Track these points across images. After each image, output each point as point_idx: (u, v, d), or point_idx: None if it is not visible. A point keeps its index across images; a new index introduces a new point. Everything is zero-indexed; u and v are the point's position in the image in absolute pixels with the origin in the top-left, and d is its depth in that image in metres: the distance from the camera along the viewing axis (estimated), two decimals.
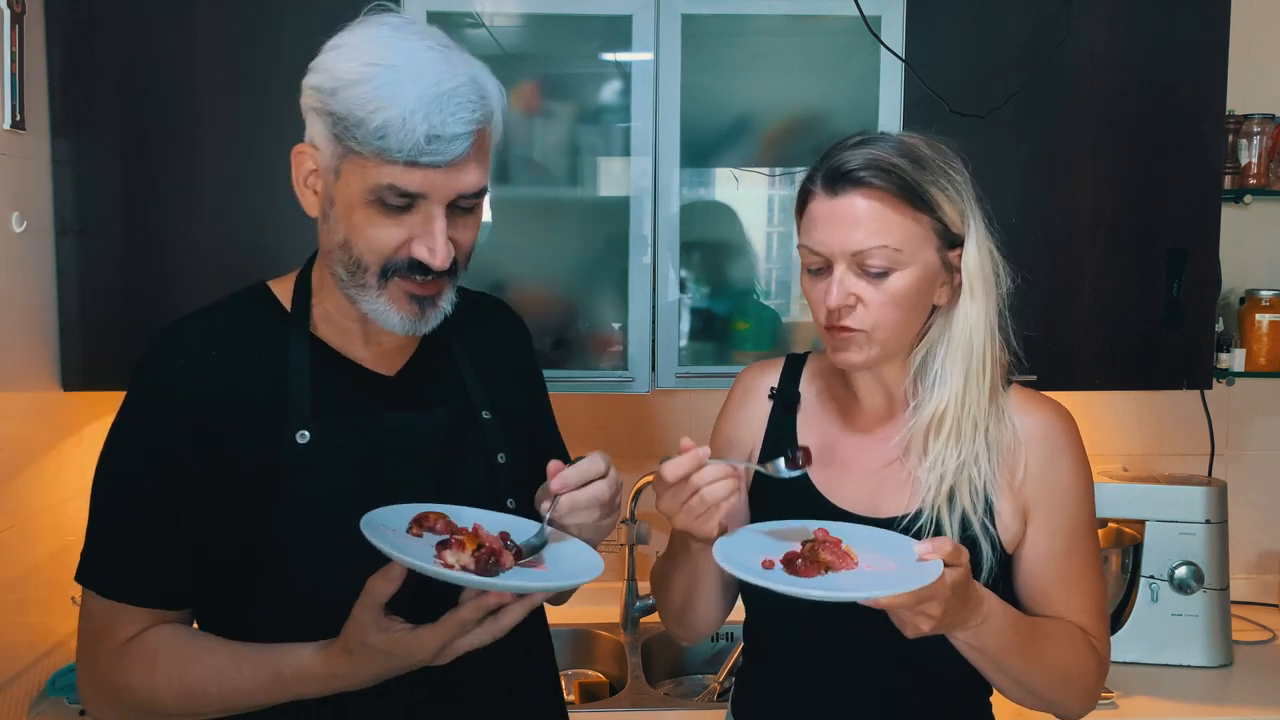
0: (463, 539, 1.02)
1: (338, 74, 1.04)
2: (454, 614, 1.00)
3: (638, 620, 2.29)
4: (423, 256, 1.07)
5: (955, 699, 1.30)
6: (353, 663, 1.02)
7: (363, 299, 1.09)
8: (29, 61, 1.81)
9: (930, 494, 1.20)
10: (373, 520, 1.01)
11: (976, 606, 1.11)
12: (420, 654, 1.01)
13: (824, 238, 1.18)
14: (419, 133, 1.01)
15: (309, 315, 1.15)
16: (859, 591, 1.04)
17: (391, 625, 1.00)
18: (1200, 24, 2.02)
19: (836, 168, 1.18)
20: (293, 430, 1.09)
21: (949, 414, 1.20)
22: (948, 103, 1.94)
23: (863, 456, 1.28)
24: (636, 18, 1.93)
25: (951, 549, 1.05)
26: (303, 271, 1.19)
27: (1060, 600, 1.23)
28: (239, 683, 1.06)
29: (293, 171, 1.11)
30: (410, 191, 1.04)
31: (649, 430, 2.36)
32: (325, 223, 1.10)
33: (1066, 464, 1.24)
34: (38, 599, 1.84)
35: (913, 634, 1.07)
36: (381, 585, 0.99)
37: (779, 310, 2.17)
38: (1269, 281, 2.34)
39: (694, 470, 1.11)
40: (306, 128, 1.09)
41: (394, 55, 1.03)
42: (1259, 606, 2.42)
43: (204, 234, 1.89)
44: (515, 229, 2.10)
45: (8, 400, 1.76)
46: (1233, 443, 2.46)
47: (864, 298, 1.17)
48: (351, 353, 1.16)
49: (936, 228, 1.18)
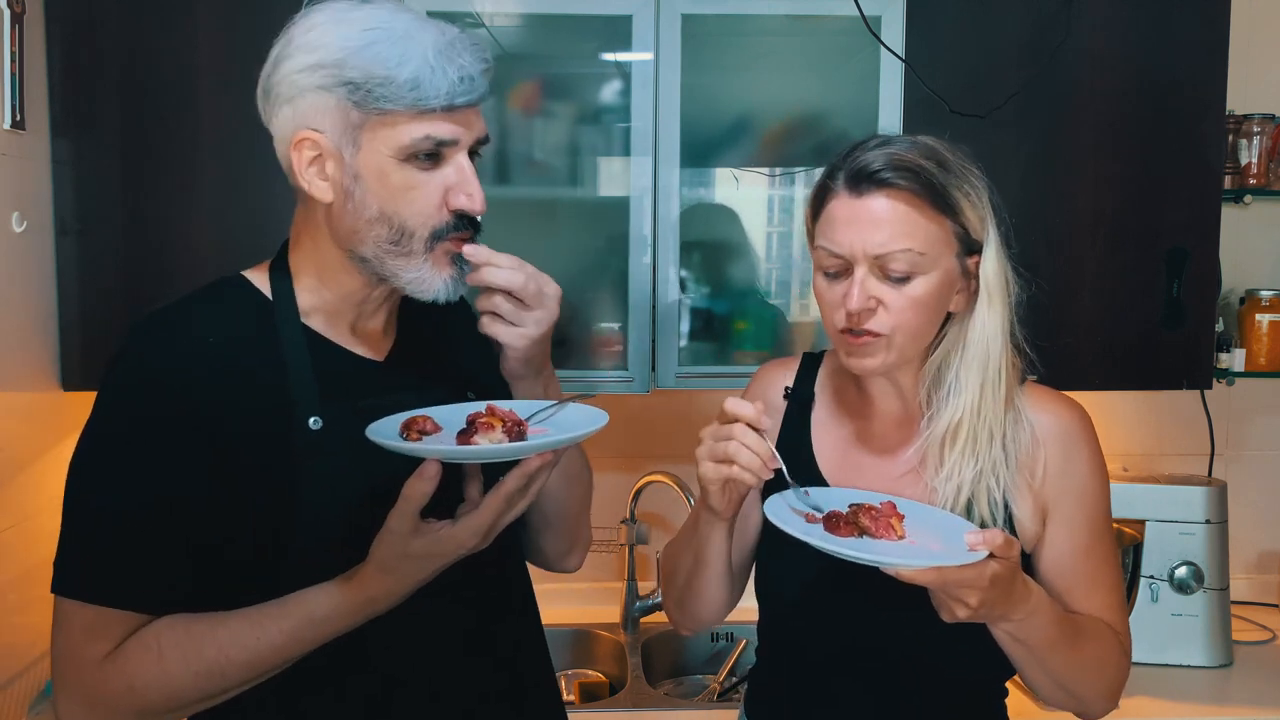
0: (488, 420, 1.04)
1: (339, 45, 1.04)
2: (497, 490, 1.03)
3: (638, 620, 2.29)
4: (463, 205, 1.09)
5: (970, 702, 1.30)
6: (392, 579, 1.03)
7: (406, 270, 1.09)
8: (29, 61, 1.81)
9: (948, 505, 1.19)
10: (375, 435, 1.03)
11: (1022, 600, 1.10)
12: (469, 541, 1.03)
13: (845, 239, 1.16)
14: (451, 75, 1.04)
15: (294, 302, 1.13)
16: (884, 558, 1.03)
17: (429, 527, 1.02)
18: (1200, 24, 2.02)
19: (861, 168, 1.16)
20: (305, 416, 1.08)
21: (964, 424, 1.19)
22: (948, 103, 1.93)
23: (878, 465, 1.27)
24: (636, 18, 1.93)
25: (1002, 541, 1.03)
26: (276, 261, 1.16)
27: (1083, 597, 1.22)
28: (266, 640, 1.04)
29: (294, 165, 1.08)
30: (445, 139, 1.06)
31: (649, 430, 2.36)
32: (349, 202, 1.07)
33: (1085, 460, 1.23)
34: (38, 599, 1.84)
35: (948, 618, 1.07)
36: (419, 486, 1.00)
37: (779, 310, 2.16)
38: (1269, 281, 2.34)
39: (750, 420, 1.11)
40: (291, 116, 1.07)
41: (384, 19, 1.05)
42: (1259, 606, 2.42)
43: (204, 233, 1.89)
44: (515, 229, 2.10)
45: (8, 400, 1.76)
46: (1233, 443, 2.46)
47: (885, 301, 1.16)
48: (340, 340, 1.15)
49: (957, 232, 1.17)
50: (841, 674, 1.27)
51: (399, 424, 1.07)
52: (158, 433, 1.05)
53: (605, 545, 2.35)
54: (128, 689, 1.03)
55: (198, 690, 1.05)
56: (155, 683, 1.03)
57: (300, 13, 1.09)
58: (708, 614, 1.33)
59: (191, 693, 1.05)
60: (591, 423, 1.08)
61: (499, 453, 1.02)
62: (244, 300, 1.13)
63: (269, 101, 1.09)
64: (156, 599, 1.06)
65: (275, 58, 1.08)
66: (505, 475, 1.04)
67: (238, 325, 1.11)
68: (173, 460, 1.05)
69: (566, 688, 2.26)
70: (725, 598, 1.32)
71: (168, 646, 1.04)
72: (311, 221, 1.12)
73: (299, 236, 1.15)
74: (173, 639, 1.04)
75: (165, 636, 1.04)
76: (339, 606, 1.05)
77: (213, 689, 1.05)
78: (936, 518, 1.15)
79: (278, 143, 1.10)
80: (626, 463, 2.37)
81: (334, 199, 1.08)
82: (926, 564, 1.02)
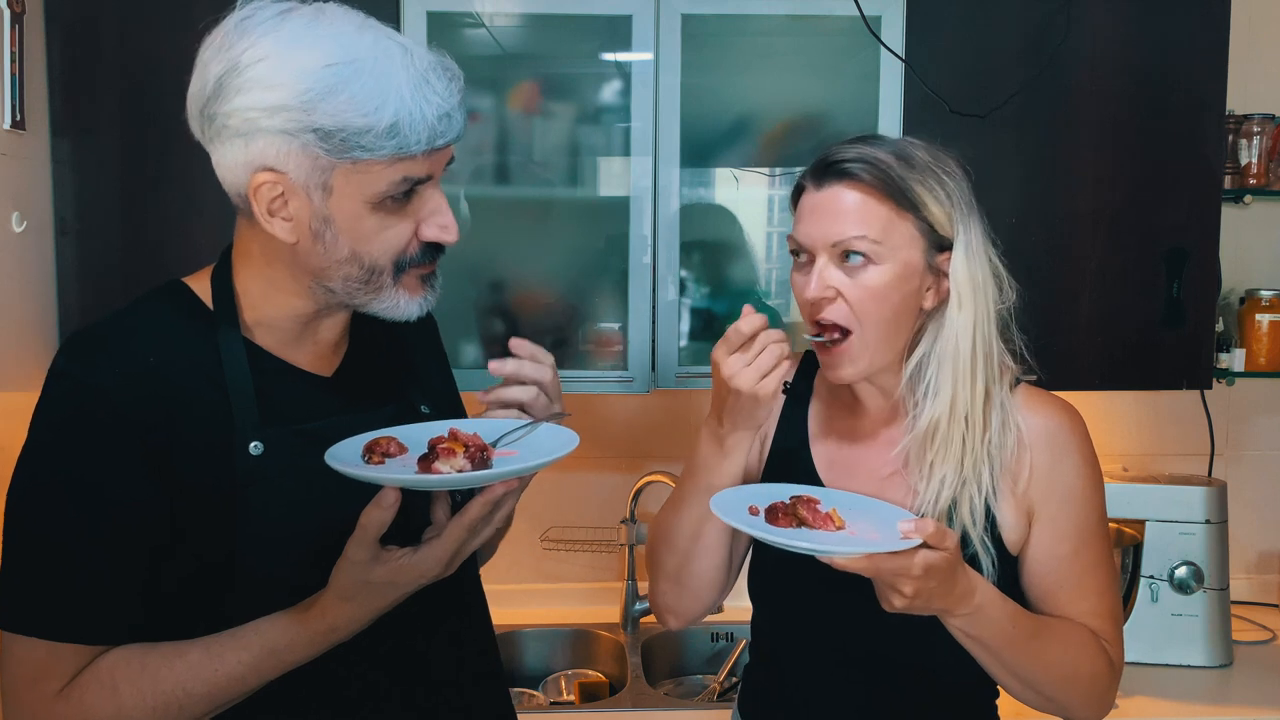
0: (449, 446, 1.00)
1: (302, 86, 0.95)
2: (460, 518, 0.99)
3: (638, 620, 2.30)
4: (435, 237, 1.05)
5: (960, 700, 1.30)
6: (353, 607, 0.99)
7: (377, 301, 1.06)
8: (29, 61, 1.81)
9: (929, 508, 1.19)
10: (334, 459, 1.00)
11: (965, 595, 1.11)
12: (431, 570, 1.00)
13: (808, 229, 1.20)
14: (429, 116, 0.98)
15: (237, 317, 1.07)
16: (817, 546, 1.05)
17: (390, 555, 0.98)
18: (1200, 24, 2.02)
19: (824, 160, 1.20)
20: (245, 441, 1.02)
21: (941, 424, 1.19)
22: (948, 103, 1.94)
23: (869, 460, 1.28)
24: (636, 18, 1.93)
25: (934, 530, 1.05)
26: (219, 270, 1.09)
27: (1068, 602, 1.22)
28: (225, 671, 0.99)
29: (252, 205, 1.00)
30: (421, 178, 1.01)
31: (649, 430, 2.36)
32: (318, 243, 1.01)
33: (1073, 464, 1.23)
34: None
35: (886, 607, 1.09)
36: (377, 515, 0.95)
37: (779, 310, 2.17)
38: (1269, 281, 2.34)
39: (762, 329, 1.14)
40: (244, 151, 0.98)
41: (343, 50, 0.96)
42: (1259, 606, 2.42)
43: (204, 234, 1.89)
44: (515, 229, 2.10)
45: (8, 400, 1.75)
46: (1233, 443, 2.46)
47: (842, 290, 1.18)
48: (287, 355, 1.09)
49: (923, 228, 1.18)
50: (832, 672, 1.28)
51: (361, 445, 1.04)
52: (94, 456, 0.99)
53: (605, 545, 2.35)
54: None
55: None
56: (110, 718, 0.99)
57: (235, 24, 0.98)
58: (706, 586, 1.30)
59: None
60: (561, 447, 1.04)
61: (459, 481, 0.98)
62: (185, 312, 1.07)
63: (210, 128, 1.00)
64: (107, 630, 1.00)
65: (219, 83, 0.97)
66: (468, 502, 0.99)
67: (178, 341, 1.05)
68: (113, 485, 0.99)
69: (566, 688, 2.26)
70: (724, 565, 1.30)
71: (122, 680, 0.99)
72: (266, 245, 1.05)
73: (247, 251, 1.07)
74: (127, 673, 0.99)
75: (120, 670, 0.99)
76: (299, 636, 1.00)
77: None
78: (881, 510, 1.17)
79: (223, 170, 1.01)
80: (626, 463, 2.37)
81: (299, 239, 1.02)
82: (860, 551, 1.03)
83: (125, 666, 1.00)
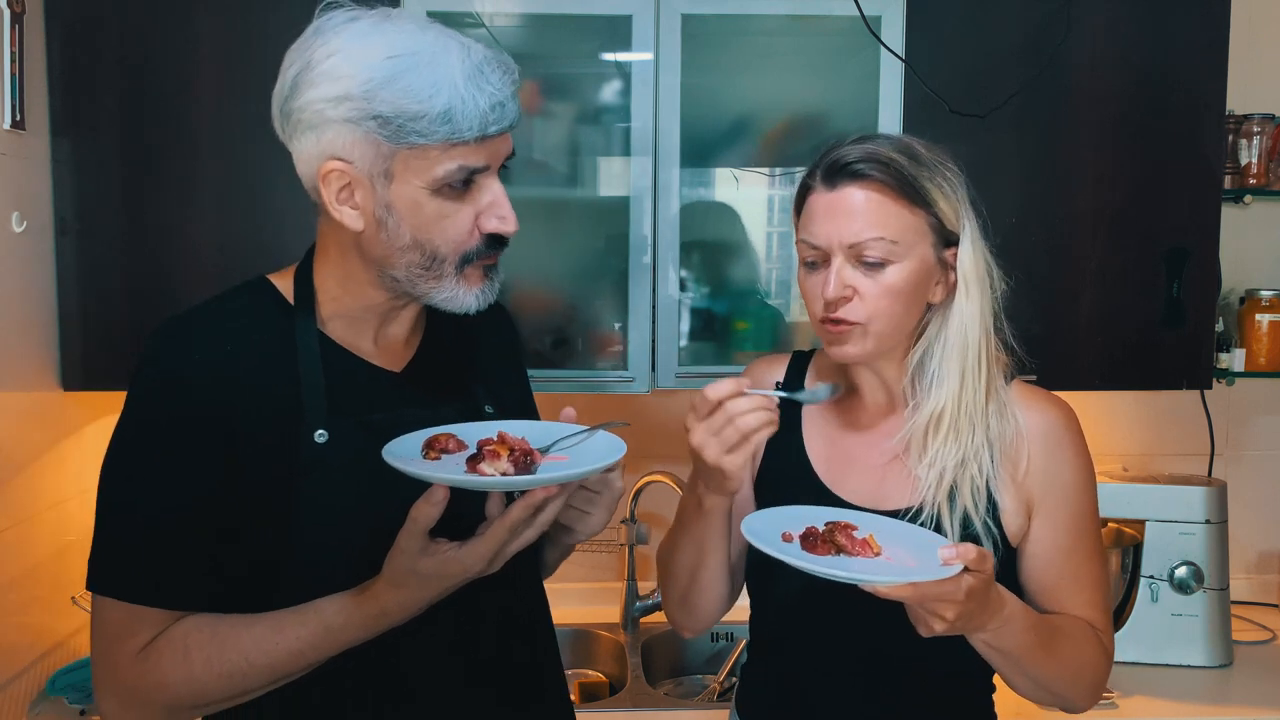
0: (495, 448, 1.03)
1: (364, 76, 1.01)
2: (503, 519, 1.02)
3: (638, 620, 2.30)
4: (496, 228, 1.10)
5: (956, 697, 1.31)
6: (404, 594, 1.04)
7: (437, 290, 1.10)
8: (29, 61, 1.81)
9: (930, 491, 1.21)
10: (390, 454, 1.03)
11: (997, 610, 1.10)
12: (474, 566, 1.03)
13: (822, 230, 1.20)
14: (482, 104, 1.03)
15: (314, 310, 1.13)
16: (861, 575, 1.04)
17: (438, 548, 1.02)
18: (1200, 24, 2.02)
19: (834, 161, 1.20)
20: (311, 429, 1.08)
21: (947, 412, 1.21)
22: (948, 103, 1.94)
23: (866, 451, 1.28)
24: (636, 18, 1.94)
25: (976, 555, 1.04)
26: (301, 267, 1.16)
27: (1066, 595, 1.24)
28: (285, 645, 1.05)
29: (322, 194, 1.07)
30: (478, 167, 1.06)
31: (649, 430, 2.36)
32: (381, 231, 1.07)
33: (1069, 459, 1.24)
34: (38, 599, 1.84)
35: (926, 632, 1.07)
36: (426, 510, 1.00)
37: (779, 310, 2.17)
38: (1269, 281, 2.34)
39: (733, 396, 1.11)
40: (316, 144, 1.05)
41: (407, 43, 1.03)
42: (1259, 606, 2.42)
43: (204, 234, 1.89)
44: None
45: (8, 400, 1.76)
46: (1233, 443, 2.46)
47: (860, 289, 1.18)
48: (360, 349, 1.15)
49: (932, 223, 1.20)
50: (830, 670, 1.28)
51: (421, 440, 1.08)
52: (175, 437, 1.06)
53: (605, 545, 2.35)
54: (158, 685, 1.06)
55: (221, 691, 1.07)
56: (182, 681, 1.06)
57: (312, 29, 1.06)
58: (712, 609, 1.34)
59: (215, 693, 1.07)
60: (606, 455, 1.08)
61: (499, 484, 1.01)
62: (266, 306, 1.14)
63: (289, 125, 1.07)
64: (183, 597, 1.08)
65: (294, 81, 1.05)
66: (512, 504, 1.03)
67: (256, 332, 1.11)
68: (191, 463, 1.06)
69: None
70: (728, 591, 1.33)
71: (194, 647, 1.06)
72: (339, 238, 1.12)
73: (325, 248, 1.14)
74: (199, 640, 1.06)
75: (192, 637, 1.06)
76: (353, 616, 1.06)
77: (235, 690, 1.07)
78: (913, 534, 1.16)
79: (300, 164, 1.09)
80: (626, 462, 2.36)
81: (365, 227, 1.08)
82: (903, 580, 1.02)
83: (197, 633, 1.06)
